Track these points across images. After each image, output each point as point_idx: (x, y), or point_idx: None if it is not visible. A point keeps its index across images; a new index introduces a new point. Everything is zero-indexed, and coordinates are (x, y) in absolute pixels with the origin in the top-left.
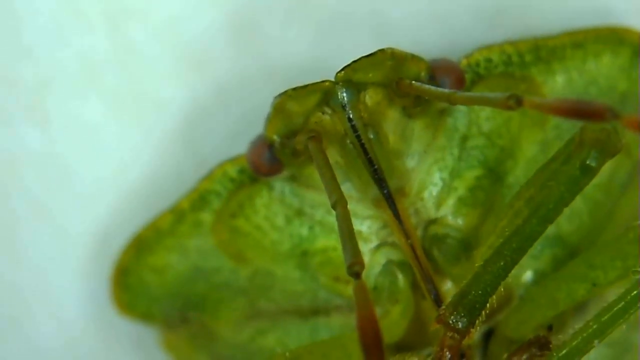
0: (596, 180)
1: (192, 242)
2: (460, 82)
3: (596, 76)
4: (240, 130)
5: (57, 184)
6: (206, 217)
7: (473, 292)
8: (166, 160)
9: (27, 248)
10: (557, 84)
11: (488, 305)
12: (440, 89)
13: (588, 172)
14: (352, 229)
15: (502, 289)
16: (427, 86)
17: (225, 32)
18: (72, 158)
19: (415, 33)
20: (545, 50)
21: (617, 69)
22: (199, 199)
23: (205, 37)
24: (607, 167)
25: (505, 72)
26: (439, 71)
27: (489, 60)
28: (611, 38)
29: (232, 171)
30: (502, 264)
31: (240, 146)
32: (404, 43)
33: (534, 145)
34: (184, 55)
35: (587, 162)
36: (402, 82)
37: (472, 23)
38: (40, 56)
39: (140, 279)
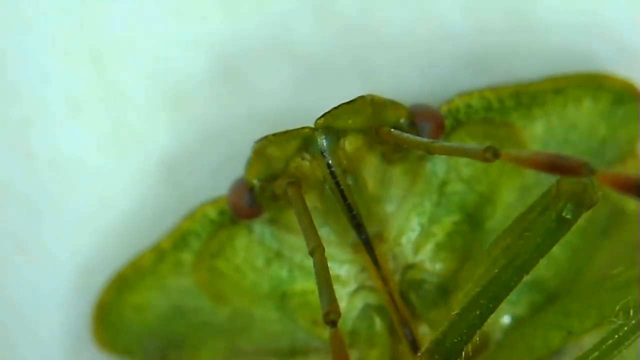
0: (575, 226)
1: (173, 282)
2: (439, 128)
3: (576, 122)
4: (222, 171)
5: (40, 220)
6: (187, 257)
7: (449, 340)
8: (149, 198)
9: (9, 283)
10: (537, 130)
11: (464, 352)
12: (418, 138)
13: (564, 224)
14: (329, 277)
15: (477, 339)
16: (405, 135)
17: (209, 74)
18: (56, 194)
19: (398, 78)
20: (526, 96)
21: (597, 115)
22: (180, 239)
23: (190, 78)
24: (586, 213)
25: (485, 118)
26: (418, 117)
27: (469, 106)
28: (592, 84)
29: (213, 213)
30: (478, 312)
31: (222, 187)
32: (387, 88)
33: (513, 191)
34: (168, 95)
35: (563, 214)
36: (381, 129)
37: (455, 69)
38: (25, 93)
39: (121, 316)
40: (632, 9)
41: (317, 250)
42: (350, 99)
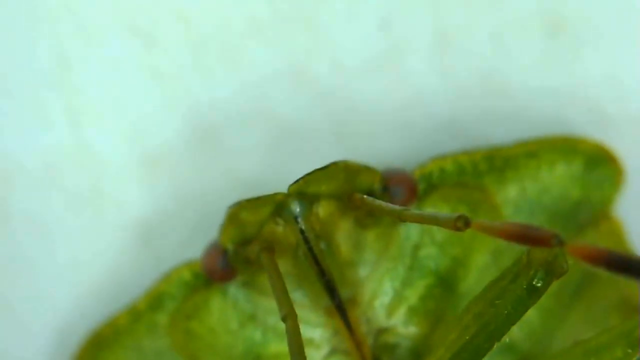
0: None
1: (149, 342)
2: (412, 193)
3: (549, 185)
4: (198, 231)
5: (17, 279)
6: (162, 318)
7: None
8: (125, 258)
9: None
10: (511, 193)
11: None
12: (391, 206)
13: (534, 293)
14: (302, 343)
15: None
16: (378, 202)
17: (186, 137)
18: (33, 254)
19: (373, 142)
20: (499, 160)
21: (570, 178)
22: (156, 300)
23: (166, 140)
24: None
25: (458, 182)
26: (391, 182)
27: (442, 170)
28: (565, 147)
29: (188, 275)
30: None
31: (198, 248)
32: (362, 152)
33: (486, 254)
34: (145, 157)
35: (534, 283)
36: (353, 196)
37: (430, 133)
38: (1, 154)
39: None
40: (605, 74)
41: (289, 317)
42: (325, 163)
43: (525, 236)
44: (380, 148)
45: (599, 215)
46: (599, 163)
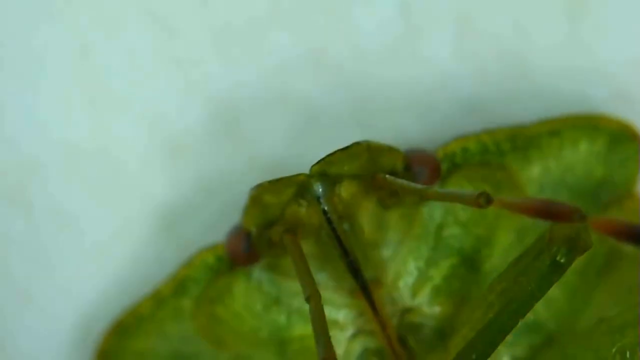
0: (573, 266)
1: (173, 328)
2: (435, 173)
3: (573, 164)
4: (220, 216)
5: (40, 270)
6: (186, 303)
7: None
8: (148, 245)
9: (10, 333)
10: (534, 172)
11: None
12: (413, 184)
13: (558, 269)
14: (325, 324)
15: None
16: (400, 181)
17: (207, 123)
18: (56, 244)
19: (395, 124)
20: (522, 139)
21: (593, 156)
22: (179, 285)
23: (187, 127)
24: (584, 253)
25: (481, 161)
26: (414, 162)
27: (465, 150)
28: (588, 125)
29: (211, 259)
30: (474, 356)
31: (221, 233)
32: (384, 134)
33: (510, 233)
34: (166, 144)
35: (557, 259)
36: (376, 176)
37: (451, 113)
38: (23, 143)
39: None
40: (627, 51)
41: (313, 298)
42: (349, 141)
43: (547, 211)
44: (401, 131)
45: (623, 193)
46: (623, 141)
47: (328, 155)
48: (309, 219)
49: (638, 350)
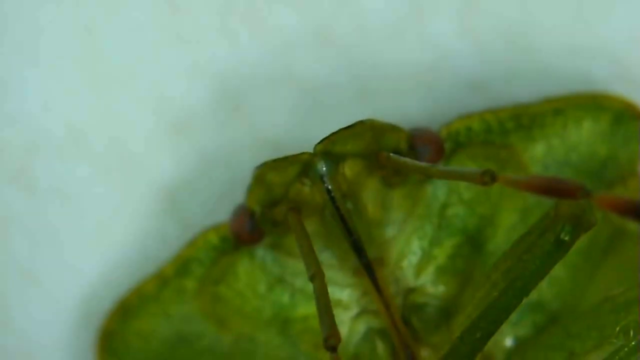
0: (576, 245)
1: (176, 308)
2: (439, 152)
3: (577, 143)
4: (224, 196)
5: (43, 249)
6: (189, 283)
7: None
8: (152, 225)
9: (13, 312)
10: (538, 151)
11: None
12: (417, 163)
13: (562, 247)
14: (329, 303)
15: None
16: (404, 159)
17: (211, 102)
18: (59, 223)
19: (398, 102)
20: (526, 118)
21: (597, 135)
22: (182, 265)
23: (192, 106)
24: (588, 233)
25: (485, 140)
26: (418, 141)
27: (469, 129)
28: (592, 104)
29: (215, 239)
30: (478, 335)
31: (225, 212)
32: (387, 112)
33: (514, 213)
34: (170, 123)
35: (561, 237)
36: (380, 154)
37: (454, 92)
38: (26, 123)
39: (126, 343)
40: (631, 30)
41: (317, 276)
42: (353, 120)
43: (551, 188)
44: (405, 109)
45: (627, 172)
46: (626, 120)
47: (332, 134)
48: (313, 197)
49: None
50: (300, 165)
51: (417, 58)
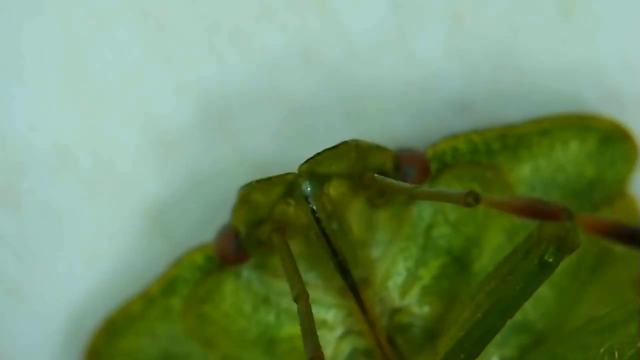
0: (562, 266)
1: (162, 328)
2: (425, 172)
3: (563, 163)
4: (211, 215)
5: (30, 267)
6: (175, 303)
7: None
8: (138, 244)
9: (0, 331)
10: (524, 172)
11: None
12: (402, 184)
13: (546, 268)
14: (313, 324)
15: None
16: (389, 180)
17: (197, 121)
18: (45, 241)
19: (384, 122)
20: (512, 138)
21: (584, 156)
22: (168, 285)
23: (178, 125)
24: (574, 253)
25: (472, 161)
26: (404, 161)
27: (455, 149)
28: (579, 125)
29: (200, 259)
30: (462, 356)
31: (211, 231)
32: (373, 132)
33: (501, 233)
34: (157, 142)
35: (545, 258)
36: (365, 175)
37: (441, 112)
38: (12, 141)
39: None
40: (618, 52)
41: (301, 297)
42: (339, 139)
43: (534, 210)
44: (391, 129)
45: (614, 193)
46: (613, 141)
47: (316, 155)
48: (298, 218)
49: (627, 349)
50: (285, 186)
51: (404, 78)
